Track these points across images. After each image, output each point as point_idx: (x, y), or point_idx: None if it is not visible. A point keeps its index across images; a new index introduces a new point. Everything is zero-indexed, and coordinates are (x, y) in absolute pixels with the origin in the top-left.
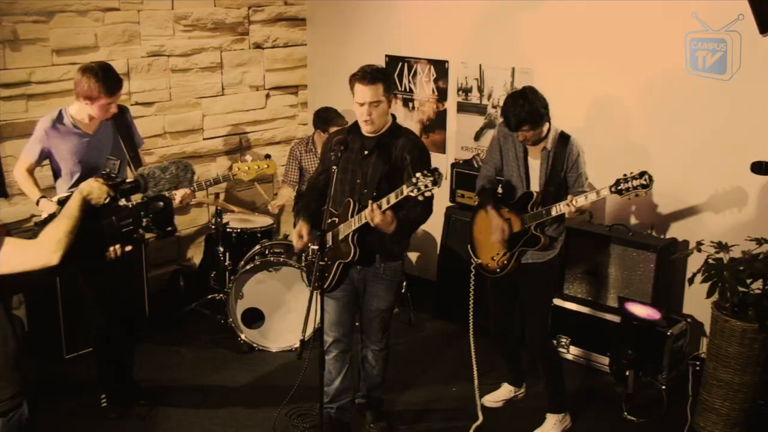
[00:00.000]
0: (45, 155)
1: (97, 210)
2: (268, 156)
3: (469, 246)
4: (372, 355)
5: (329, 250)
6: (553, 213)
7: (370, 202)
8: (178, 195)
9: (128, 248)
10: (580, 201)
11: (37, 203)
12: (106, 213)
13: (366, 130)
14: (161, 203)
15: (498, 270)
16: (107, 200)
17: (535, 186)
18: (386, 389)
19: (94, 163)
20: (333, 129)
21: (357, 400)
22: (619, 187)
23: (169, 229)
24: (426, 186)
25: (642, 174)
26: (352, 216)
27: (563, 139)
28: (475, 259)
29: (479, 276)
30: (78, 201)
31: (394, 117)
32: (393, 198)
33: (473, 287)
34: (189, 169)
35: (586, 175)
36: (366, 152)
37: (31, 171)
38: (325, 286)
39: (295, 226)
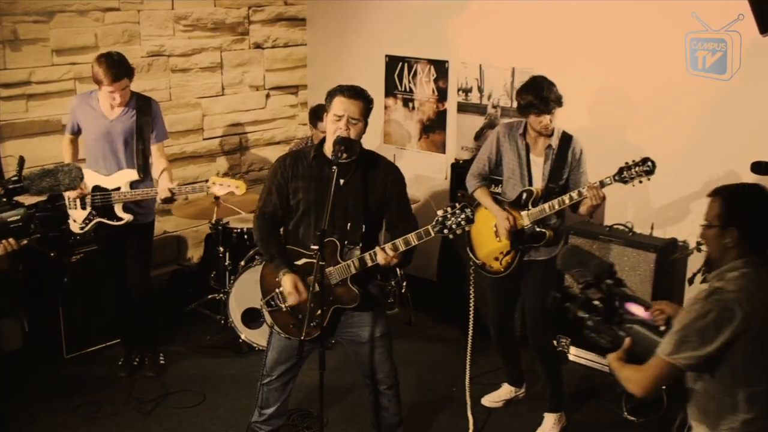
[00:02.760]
0: (77, 127)
1: None
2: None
3: (468, 248)
4: (383, 397)
5: (316, 295)
6: (557, 207)
7: (378, 247)
8: (161, 192)
9: (23, 242)
10: (585, 192)
11: None
12: None
13: (335, 148)
14: (51, 204)
15: (503, 270)
16: None
17: (537, 183)
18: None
19: (109, 146)
20: (320, 125)
21: None
22: (623, 176)
23: (63, 227)
24: (458, 225)
25: (644, 161)
26: (341, 257)
27: (566, 137)
28: (476, 261)
29: (479, 276)
30: None
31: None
32: (414, 239)
33: (473, 288)
34: (71, 172)
35: (587, 174)
36: (342, 181)
37: (72, 142)
38: (317, 335)
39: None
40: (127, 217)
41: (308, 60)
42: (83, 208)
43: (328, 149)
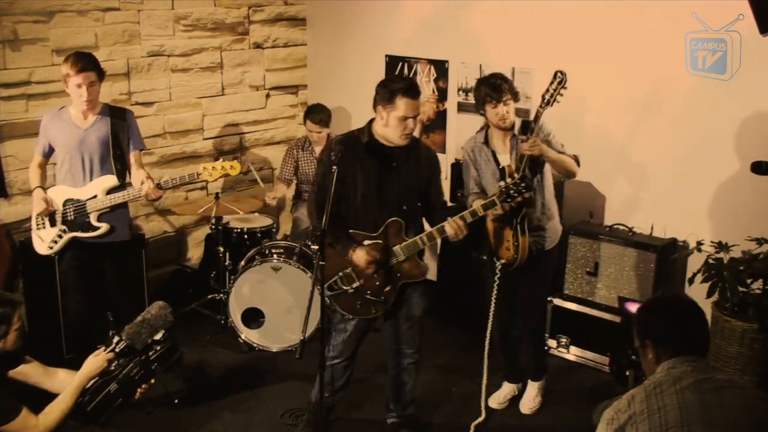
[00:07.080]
0: (48, 147)
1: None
2: (236, 158)
3: (489, 254)
4: (407, 372)
5: (384, 271)
6: (525, 158)
7: (450, 218)
8: (144, 191)
9: (152, 381)
10: (534, 136)
11: (33, 192)
12: (116, 374)
13: (404, 143)
14: (157, 343)
15: (515, 256)
16: (107, 365)
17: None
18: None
19: (83, 156)
20: (307, 124)
21: (389, 420)
22: (545, 99)
23: (176, 356)
24: (519, 192)
25: (555, 75)
26: (407, 234)
27: (525, 123)
28: (499, 263)
29: (480, 277)
30: (76, 390)
31: None
32: (481, 210)
33: (495, 293)
34: (159, 313)
35: (557, 136)
36: (394, 164)
37: (41, 166)
38: (381, 312)
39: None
40: (104, 226)
41: (308, 60)
42: (53, 225)
43: (381, 138)
